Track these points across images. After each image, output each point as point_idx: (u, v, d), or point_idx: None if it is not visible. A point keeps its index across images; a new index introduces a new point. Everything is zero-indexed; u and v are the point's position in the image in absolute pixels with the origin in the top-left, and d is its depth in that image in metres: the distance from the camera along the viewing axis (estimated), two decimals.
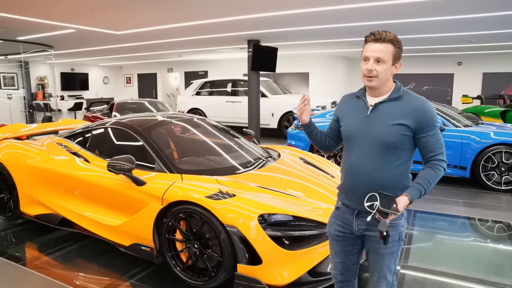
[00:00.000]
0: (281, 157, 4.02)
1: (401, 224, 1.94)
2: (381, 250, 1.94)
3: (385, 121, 1.85)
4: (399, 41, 1.86)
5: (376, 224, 1.79)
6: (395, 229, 1.91)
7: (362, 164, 1.90)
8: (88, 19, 6.29)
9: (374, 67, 1.83)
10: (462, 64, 13.70)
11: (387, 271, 1.97)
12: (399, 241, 1.95)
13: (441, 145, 1.86)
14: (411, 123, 1.81)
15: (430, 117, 1.82)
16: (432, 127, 1.83)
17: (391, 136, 1.83)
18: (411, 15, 6.21)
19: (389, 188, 1.80)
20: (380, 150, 1.85)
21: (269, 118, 10.82)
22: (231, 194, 2.84)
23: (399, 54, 1.85)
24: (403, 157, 1.86)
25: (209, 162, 3.73)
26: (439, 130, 1.86)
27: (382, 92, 1.90)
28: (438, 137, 1.85)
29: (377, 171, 1.87)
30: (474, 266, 3.46)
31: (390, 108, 1.87)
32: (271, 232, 2.65)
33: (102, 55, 13.21)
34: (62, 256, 3.66)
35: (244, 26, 7.16)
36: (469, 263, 3.52)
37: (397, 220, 1.90)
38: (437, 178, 1.84)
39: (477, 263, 3.53)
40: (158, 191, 3.02)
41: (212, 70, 16.18)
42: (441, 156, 1.85)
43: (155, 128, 3.84)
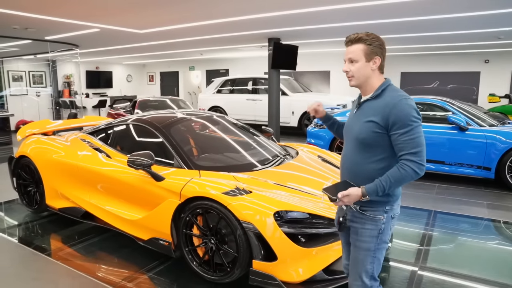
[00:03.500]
0: (299, 155, 4.02)
1: (382, 220, 1.92)
2: (357, 243, 1.97)
3: (361, 119, 1.93)
4: (369, 38, 1.89)
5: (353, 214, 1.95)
6: (374, 224, 1.92)
7: (346, 158, 2.02)
8: (112, 18, 6.44)
9: (349, 68, 1.93)
10: (489, 62, 13.28)
11: (362, 270, 1.96)
12: (378, 239, 1.92)
13: (414, 144, 1.77)
14: (379, 120, 1.84)
15: (400, 114, 1.78)
16: (402, 125, 1.78)
17: (363, 133, 1.89)
18: (437, 12, 6.07)
19: (369, 182, 1.86)
20: (357, 146, 1.94)
21: (289, 116, 10.79)
22: (247, 191, 2.86)
23: (372, 50, 1.89)
24: (380, 154, 1.88)
25: (227, 159, 3.77)
26: (416, 129, 1.78)
27: (367, 91, 1.96)
28: (410, 136, 1.78)
29: (355, 165, 1.95)
30: (497, 270, 3.36)
31: (369, 106, 1.93)
32: (286, 229, 2.66)
33: (125, 54, 13.48)
34: (84, 248, 3.78)
35: (265, 24, 7.16)
36: (492, 267, 3.42)
37: (376, 214, 1.92)
38: (402, 178, 1.80)
39: (500, 267, 3.43)
40: (176, 186, 3.08)
41: (233, 68, 16.26)
42: (410, 156, 1.78)
43: (174, 125, 3.90)
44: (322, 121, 2.36)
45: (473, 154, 5.61)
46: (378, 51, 1.90)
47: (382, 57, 1.92)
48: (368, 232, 1.93)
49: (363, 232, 1.95)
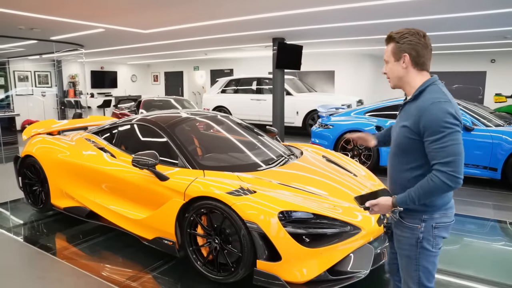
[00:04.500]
0: (304, 155, 4.01)
1: (420, 229, 1.82)
2: (399, 250, 1.94)
3: (399, 123, 1.86)
4: (399, 35, 1.79)
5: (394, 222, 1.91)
6: (411, 232, 1.85)
7: (388, 163, 2.00)
8: (116, 18, 6.46)
9: (385, 69, 1.90)
10: (495, 62, 13.19)
11: (407, 277, 1.91)
12: (418, 247, 1.84)
13: (446, 153, 1.65)
14: (411, 125, 1.74)
15: (431, 120, 1.66)
16: (433, 132, 1.66)
17: (399, 138, 1.83)
18: (443, 11, 6.03)
19: (404, 190, 1.79)
20: (395, 151, 1.89)
21: (293, 116, 10.77)
22: (252, 191, 2.86)
23: (399, 48, 1.79)
24: (414, 161, 1.79)
25: (231, 159, 3.77)
26: (449, 136, 1.64)
27: (409, 92, 1.85)
28: (442, 144, 1.65)
29: (393, 172, 1.92)
30: (503, 271, 3.34)
31: (406, 109, 1.83)
32: (291, 229, 2.65)
33: (130, 54, 13.53)
34: (89, 247, 3.79)
35: (269, 24, 7.16)
36: (498, 268, 3.39)
37: (413, 223, 1.84)
38: (431, 190, 1.70)
39: (506, 269, 3.40)
40: (180, 186, 3.08)
41: (237, 68, 16.26)
42: (440, 166, 1.66)
43: (179, 124, 3.91)
44: (380, 146, 2.31)
45: (479, 154, 5.57)
46: (407, 47, 1.77)
47: (415, 53, 1.76)
48: (405, 240, 1.87)
49: (401, 239, 1.90)
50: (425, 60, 1.79)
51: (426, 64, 1.80)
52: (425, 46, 1.78)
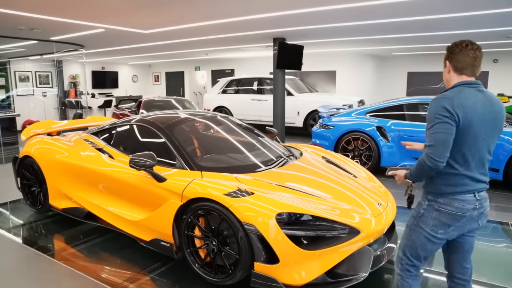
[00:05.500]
0: (303, 156, 3.98)
1: (423, 206, 2.11)
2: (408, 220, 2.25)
3: None
4: (448, 45, 2.10)
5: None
6: (417, 206, 2.17)
7: None
8: (116, 19, 6.44)
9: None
10: (498, 62, 13.12)
11: (402, 243, 2.24)
12: (415, 220, 2.14)
13: (431, 138, 1.95)
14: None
15: (429, 112, 1.99)
16: (429, 121, 1.99)
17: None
18: (444, 11, 5.99)
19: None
20: None
21: (294, 116, 10.74)
22: (249, 192, 2.83)
23: (444, 57, 2.10)
24: None
25: (230, 160, 3.74)
26: (437, 125, 1.93)
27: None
28: (431, 131, 1.96)
29: None
30: (505, 274, 3.30)
31: None
32: (289, 231, 2.62)
33: (131, 54, 13.52)
34: (87, 248, 3.77)
35: (270, 24, 7.13)
36: (500, 271, 3.36)
37: (422, 199, 2.15)
38: (419, 167, 2.02)
39: (508, 271, 3.36)
40: (178, 187, 3.05)
41: (238, 69, 16.24)
42: (426, 149, 1.98)
43: (177, 125, 3.88)
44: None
45: None
46: (447, 56, 2.08)
47: (453, 59, 2.05)
48: (412, 211, 2.19)
49: (411, 210, 2.23)
50: (463, 66, 2.04)
51: (463, 69, 2.04)
52: (458, 54, 2.04)
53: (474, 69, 2.04)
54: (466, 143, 1.96)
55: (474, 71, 2.05)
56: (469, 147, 1.97)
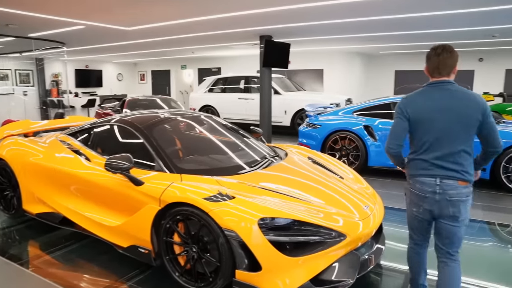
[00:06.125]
0: (289, 157, 3.85)
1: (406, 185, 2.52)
2: None
3: None
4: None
5: None
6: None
7: None
8: (97, 15, 6.23)
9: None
10: (483, 60, 13.22)
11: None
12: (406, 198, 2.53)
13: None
14: None
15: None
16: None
17: None
18: (430, 9, 5.93)
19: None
20: None
21: (282, 115, 10.63)
22: (230, 196, 2.69)
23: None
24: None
25: (211, 162, 3.59)
26: (394, 120, 2.41)
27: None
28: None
29: None
30: (493, 273, 3.24)
31: None
32: (272, 237, 2.49)
33: (115, 52, 13.25)
34: (62, 255, 3.59)
35: (256, 21, 7.00)
36: (487, 270, 3.30)
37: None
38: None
39: (495, 271, 3.31)
40: (156, 191, 2.90)
41: (225, 67, 16.07)
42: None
43: (157, 125, 3.72)
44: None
45: None
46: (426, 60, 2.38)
47: (427, 63, 2.37)
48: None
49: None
50: (432, 69, 2.34)
51: (434, 71, 2.34)
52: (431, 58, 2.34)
53: (441, 71, 2.29)
54: (423, 134, 2.31)
55: (442, 73, 2.30)
56: (427, 138, 2.29)
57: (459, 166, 2.24)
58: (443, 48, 2.28)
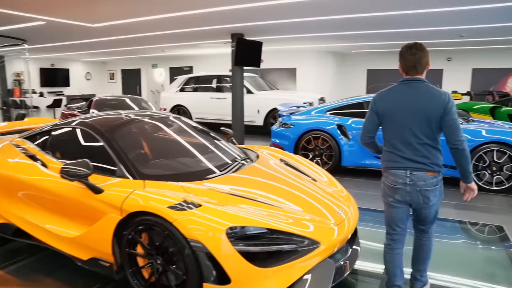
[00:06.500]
0: (260, 159, 3.70)
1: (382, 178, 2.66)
2: None
3: None
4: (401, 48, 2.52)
5: None
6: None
7: None
8: (59, 10, 5.89)
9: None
10: (451, 60, 13.53)
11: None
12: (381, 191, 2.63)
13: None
14: None
15: None
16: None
17: None
18: (401, 7, 5.93)
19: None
20: None
21: (254, 115, 10.49)
22: (197, 204, 2.51)
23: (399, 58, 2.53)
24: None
25: (178, 166, 3.40)
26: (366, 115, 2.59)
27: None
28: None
29: None
30: (464, 270, 3.28)
31: None
32: (241, 247, 2.33)
33: (82, 50, 12.73)
34: (16, 270, 3.31)
35: (227, 18, 6.82)
36: (458, 267, 3.33)
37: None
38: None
39: (467, 268, 3.34)
40: (116, 199, 2.68)
41: (197, 66, 15.79)
42: None
43: (120, 128, 3.49)
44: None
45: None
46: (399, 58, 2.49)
47: (399, 61, 2.47)
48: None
49: None
50: (405, 68, 2.46)
51: (407, 71, 2.46)
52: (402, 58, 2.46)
53: (418, 69, 2.41)
54: (392, 128, 2.47)
55: (419, 71, 2.42)
56: (395, 132, 2.45)
57: (426, 159, 2.39)
58: (417, 48, 2.39)
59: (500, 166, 5.31)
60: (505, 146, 5.23)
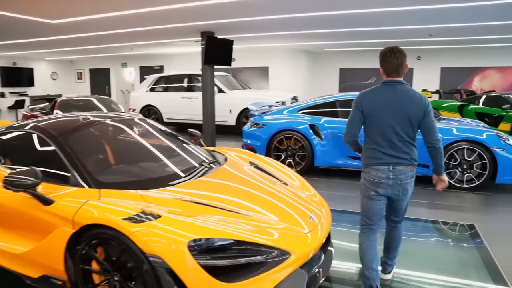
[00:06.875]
0: (228, 162, 3.51)
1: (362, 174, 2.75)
2: None
3: None
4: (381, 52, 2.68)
5: None
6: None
7: None
8: (13, 5, 5.48)
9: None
10: (421, 59, 13.75)
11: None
12: (361, 186, 2.74)
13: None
14: None
15: None
16: None
17: None
18: (371, 5, 5.88)
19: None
20: None
21: (227, 114, 10.29)
22: (156, 215, 2.29)
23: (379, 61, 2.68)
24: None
25: (140, 172, 3.16)
26: (350, 113, 2.67)
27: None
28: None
29: None
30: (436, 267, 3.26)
31: None
32: (205, 261, 2.15)
33: (45, 48, 12.14)
34: None
35: (196, 15, 6.59)
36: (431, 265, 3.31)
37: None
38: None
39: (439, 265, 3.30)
40: (67, 211, 2.43)
41: (168, 65, 15.43)
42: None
43: (76, 132, 3.22)
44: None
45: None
46: (379, 61, 2.66)
47: (381, 64, 2.65)
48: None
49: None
50: (386, 69, 2.62)
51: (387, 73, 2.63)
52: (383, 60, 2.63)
53: (400, 72, 2.59)
54: (374, 126, 2.58)
55: (400, 74, 2.60)
56: (378, 130, 2.57)
57: (406, 154, 2.56)
58: (400, 52, 2.58)
59: (470, 164, 5.34)
60: (475, 144, 5.26)
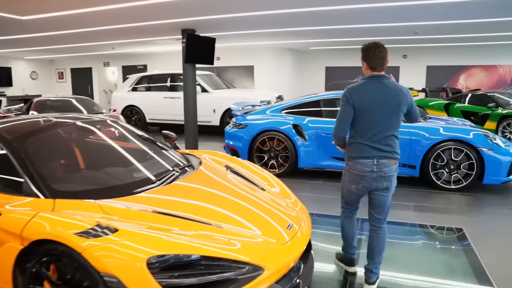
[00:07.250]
0: (202, 166, 3.27)
1: (345, 166, 2.83)
2: None
3: None
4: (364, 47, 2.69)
5: None
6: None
7: None
8: None
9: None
10: (407, 57, 13.69)
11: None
12: (342, 176, 2.90)
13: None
14: None
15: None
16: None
17: None
18: (356, 1, 5.69)
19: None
20: None
21: (210, 114, 10.03)
22: (112, 229, 2.05)
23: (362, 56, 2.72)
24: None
25: (103, 179, 2.90)
26: (340, 107, 2.69)
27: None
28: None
29: None
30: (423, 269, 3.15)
31: None
32: (167, 280, 1.91)
33: (23, 47, 11.72)
34: None
35: (176, 11, 6.31)
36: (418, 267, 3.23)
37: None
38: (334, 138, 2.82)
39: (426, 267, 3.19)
40: (15, 225, 2.17)
41: (152, 64, 15.08)
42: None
43: (34, 135, 2.95)
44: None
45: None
46: (362, 56, 2.70)
47: (365, 59, 2.68)
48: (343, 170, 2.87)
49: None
50: (371, 64, 2.66)
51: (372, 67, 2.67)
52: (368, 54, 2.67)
53: (383, 66, 2.64)
54: (364, 121, 2.62)
55: (384, 68, 2.65)
56: (366, 124, 2.61)
57: (390, 147, 2.63)
58: (383, 47, 2.65)
59: (458, 164, 5.19)
60: (462, 144, 5.11)
